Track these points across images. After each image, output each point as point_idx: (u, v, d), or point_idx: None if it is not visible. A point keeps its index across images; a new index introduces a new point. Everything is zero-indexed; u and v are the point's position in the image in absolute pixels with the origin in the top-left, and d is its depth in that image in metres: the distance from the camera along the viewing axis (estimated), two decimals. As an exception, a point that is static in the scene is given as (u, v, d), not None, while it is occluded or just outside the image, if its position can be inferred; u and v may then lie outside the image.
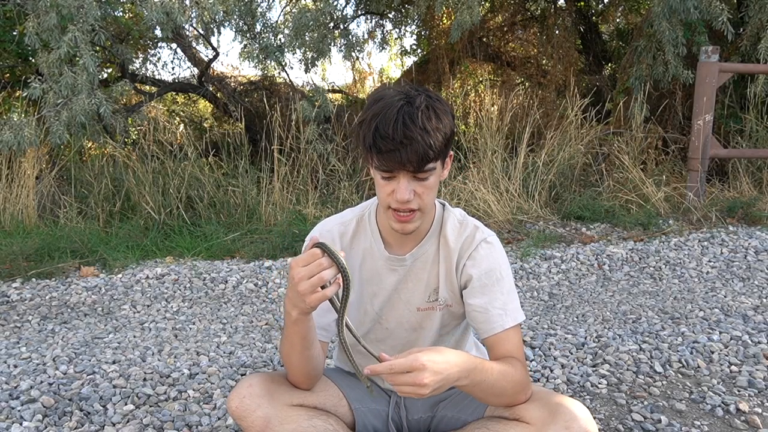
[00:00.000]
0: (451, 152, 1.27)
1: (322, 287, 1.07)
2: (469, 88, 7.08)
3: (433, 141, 1.13)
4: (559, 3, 6.83)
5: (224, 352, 2.31)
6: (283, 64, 5.42)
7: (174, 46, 6.30)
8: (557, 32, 6.49)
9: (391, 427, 1.45)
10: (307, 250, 1.34)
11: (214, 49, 6.00)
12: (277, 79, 6.30)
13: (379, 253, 1.34)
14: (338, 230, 1.36)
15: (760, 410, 1.82)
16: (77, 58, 3.96)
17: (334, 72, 22.02)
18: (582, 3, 6.86)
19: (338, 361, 1.56)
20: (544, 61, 6.86)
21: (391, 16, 7.14)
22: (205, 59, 6.13)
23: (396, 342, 1.38)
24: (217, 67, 6.76)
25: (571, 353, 2.24)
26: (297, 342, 1.21)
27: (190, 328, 2.61)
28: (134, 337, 2.49)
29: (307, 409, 1.31)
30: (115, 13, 5.14)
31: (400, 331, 1.38)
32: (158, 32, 5.37)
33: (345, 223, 1.37)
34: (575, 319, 2.66)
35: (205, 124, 7.24)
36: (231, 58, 15.97)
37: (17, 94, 5.36)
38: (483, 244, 1.31)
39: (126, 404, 1.87)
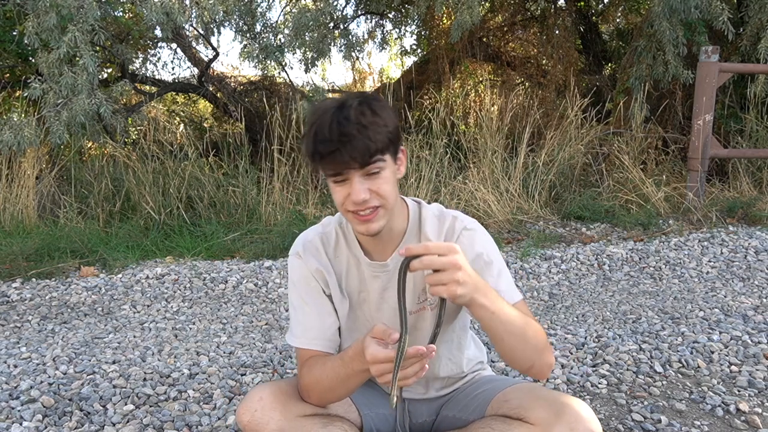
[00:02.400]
0: (404, 147, 1.25)
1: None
2: (469, 88, 7.08)
3: (372, 134, 1.12)
4: (559, 3, 6.83)
5: (224, 352, 2.31)
6: (283, 64, 5.42)
7: (174, 46, 6.31)
8: (557, 32, 6.48)
9: (398, 429, 1.45)
10: (295, 266, 1.34)
11: (214, 49, 6.00)
12: (277, 79, 6.30)
13: (362, 261, 1.32)
14: (320, 239, 1.34)
15: (760, 410, 1.82)
16: (77, 58, 3.97)
17: (334, 72, 22.01)
18: (582, 3, 6.86)
19: None
20: (544, 61, 6.86)
21: (391, 16, 7.14)
22: (205, 59, 6.13)
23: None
24: (217, 67, 6.76)
25: (571, 353, 2.24)
26: (354, 385, 1.20)
27: (190, 328, 2.61)
28: (134, 337, 2.49)
29: (321, 417, 1.29)
30: (115, 13, 5.14)
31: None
32: (158, 32, 5.38)
33: (327, 233, 1.35)
34: (575, 319, 2.65)
35: (205, 124, 7.24)
36: (231, 58, 15.97)
37: (17, 94, 5.36)
38: (464, 232, 1.29)
39: (126, 404, 1.87)
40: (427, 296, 1.33)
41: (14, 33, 4.74)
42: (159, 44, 6.46)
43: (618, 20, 7.47)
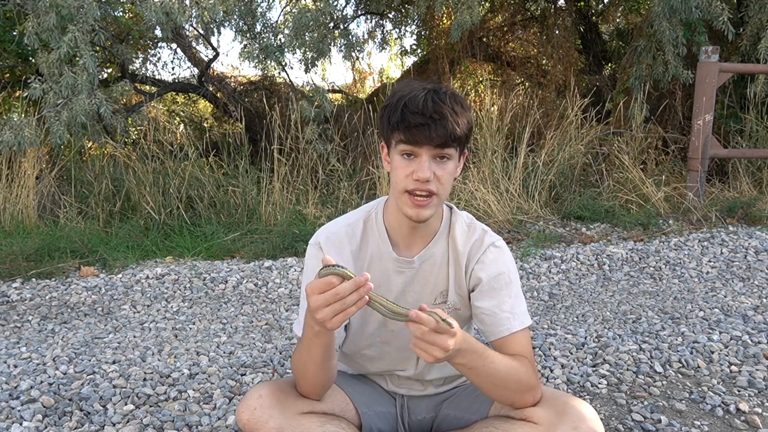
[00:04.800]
0: (466, 151, 1.29)
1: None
2: (469, 88, 7.08)
3: (460, 122, 1.18)
4: (559, 3, 6.83)
5: (224, 352, 2.31)
6: (283, 64, 5.42)
7: (174, 46, 6.31)
8: (557, 32, 6.48)
9: (400, 427, 1.45)
10: (312, 256, 1.32)
11: (214, 49, 6.00)
12: (277, 79, 6.30)
13: (387, 255, 1.32)
14: (345, 232, 1.33)
15: (760, 410, 1.82)
16: (77, 58, 3.97)
17: (334, 72, 22.02)
18: (582, 3, 6.86)
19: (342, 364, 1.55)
20: (544, 61, 6.86)
21: (391, 16, 7.15)
22: (205, 59, 6.13)
23: (401, 344, 1.37)
24: (217, 67, 6.76)
25: (571, 353, 2.24)
26: (318, 353, 1.19)
27: (190, 328, 2.61)
28: (134, 337, 2.49)
29: (318, 415, 1.29)
30: (115, 13, 5.15)
31: (405, 333, 1.34)
32: (158, 32, 5.38)
33: (352, 224, 1.34)
34: (575, 319, 2.66)
35: (205, 124, 7.25)
36: (231, 58, 15.95)
37: (17, 94, 5.37)
38: (492, 248, 1.32)
39: (126, 404, 1.87)
40: (447, 300, 1.35)
41: (14, 33, 4.74)
42: (159, 44, 6.46)
43: (618, 20, 7.48)
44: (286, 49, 5.03)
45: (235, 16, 5.03)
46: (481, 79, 6.88)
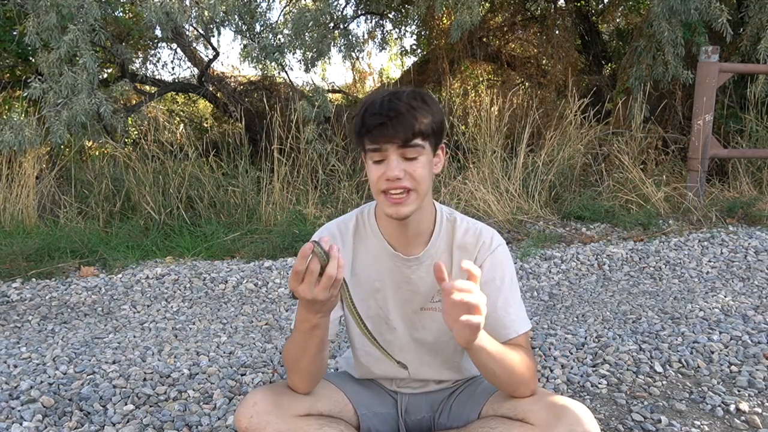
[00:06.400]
0: (443, 145, 1.29)
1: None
2: (468, 88, 7.08)
3: (419, 116, 1.18)
4: (559, 3, 6.83)
5: (224, 352, 2.31)
6: (283, 64, 5.42)
7: (174, 46, 6.32)
8: (557, 32, 6.49)
9: (401, 427, 1.45)
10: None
11: (214, 49, 6.01)
12: (277, 79, 6.31)
13: (384, 251, 1.34)
14: (338, 227, 1.37)
15: (760, 410, 1.82)
16: (77, 58, 3.97)
17: (334, 72, 22.02)
18: (582, 3, 6.86)
19: (345, 365, 1.55)
20: (544, 61, 6.86)
21: (391, 16, 7.15)
22: (205, 59, 6.14)
23: (402, 342, 1.38)
24: (217, 67, 6.77)
25: (571, 353, 2.24)
26: (313, 346, 1.21)
27: (190, 328, 2.61)
28: (134, 337, 2.49)
29: (316, 417, 1.30)
30: (115, 13, 5.15)
31: (405, 330, 1.38)
32: (158, 32, 5.38)
33: (345, 221, 1.38)
34: (575, 319, 2.66)
35: (205, 124, 7.25)
36: (231, 59, 15.95)
37: (17, 94, 5.37)
38: (501, 248, 1.34)
39: (126, 404, 1.87)
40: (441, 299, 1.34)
41: (14, 33, 4.75)
42: (159, 44, 6.48)
43: (618, 20, 7.48)
44: (285, 50, 5.03)
45: (235, 16, 5.04)
46: (480, 79, 6.88)
